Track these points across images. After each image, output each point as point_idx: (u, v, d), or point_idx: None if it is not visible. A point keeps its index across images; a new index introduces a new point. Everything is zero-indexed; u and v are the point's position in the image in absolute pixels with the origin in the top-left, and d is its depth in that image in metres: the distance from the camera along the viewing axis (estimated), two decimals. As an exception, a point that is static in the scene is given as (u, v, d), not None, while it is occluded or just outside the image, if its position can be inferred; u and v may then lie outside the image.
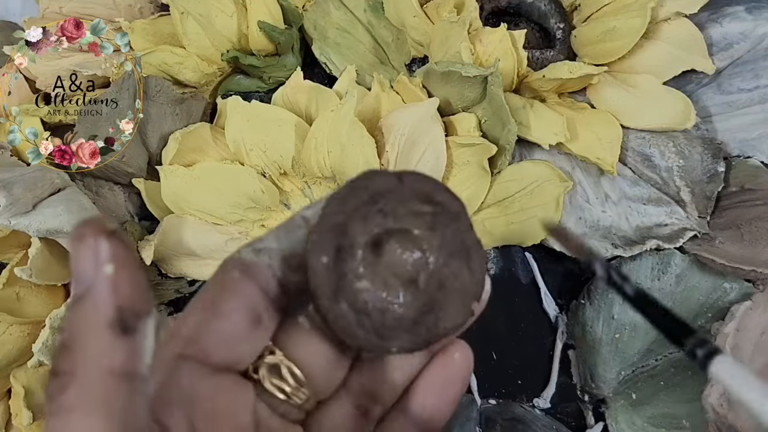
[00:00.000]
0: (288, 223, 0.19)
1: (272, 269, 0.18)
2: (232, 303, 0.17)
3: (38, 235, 0.31)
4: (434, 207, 0.18)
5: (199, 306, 0.18)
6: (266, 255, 0.18)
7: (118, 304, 0.14)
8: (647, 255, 0.36)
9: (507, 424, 0.35)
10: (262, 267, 0.18)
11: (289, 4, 0.40)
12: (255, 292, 0.18)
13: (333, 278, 0.17)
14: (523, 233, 0.37)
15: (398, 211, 0.18)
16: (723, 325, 0.34)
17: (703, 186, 0.37)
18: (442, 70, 0.35)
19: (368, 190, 0.18)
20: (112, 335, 0.14)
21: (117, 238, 0.14)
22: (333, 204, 0.18)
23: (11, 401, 0.35)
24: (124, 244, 0.14)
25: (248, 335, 0.17)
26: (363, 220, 0.18)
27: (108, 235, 0.14)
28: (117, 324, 0.14)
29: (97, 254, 0.14)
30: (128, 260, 0.14)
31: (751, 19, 0.40)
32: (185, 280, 0.39)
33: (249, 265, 0.18)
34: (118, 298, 0.14)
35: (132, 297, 0.14)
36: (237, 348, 0.17)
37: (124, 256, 0.14)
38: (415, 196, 0.18)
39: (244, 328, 0.17)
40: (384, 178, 0.18)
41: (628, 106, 0.38)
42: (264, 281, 0.18)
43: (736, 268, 0.34)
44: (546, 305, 0.38)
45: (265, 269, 0.18)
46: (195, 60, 0.39)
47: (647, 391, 0.36)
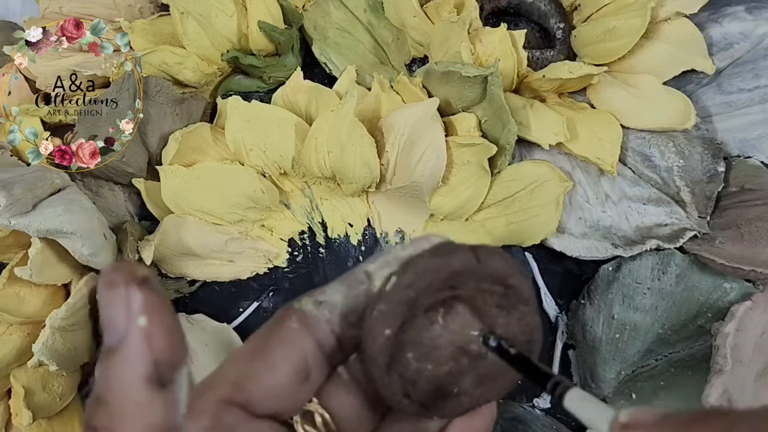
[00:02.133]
0: (349, 277, 0.19)
1: (331, 324, 0.18)
2: (286, 356, 0.17)
3: (38, 235, 0.31)
4: (506, 288, 0.18)
5: (252, 352, 0.18)
6: (327, 309, 0.18)
7: (154, 358, 0.13)
8: (647, 255, 0.36)
9: (507, 424, 0.35)
10: (321, 321, 0.18)
11: (289, 4, 0.40)
12: (311, 346, 0.17)
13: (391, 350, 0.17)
14: (523, 233, 0.37)
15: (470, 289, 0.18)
16: (723, 325, 0.34)
17: (703, 186, 0.37)
18: (442, 70, 0.35)
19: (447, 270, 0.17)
20: (149, 390, 0.13)
21: (149, 286, 0.14)
22: (409, 275, 0.17)
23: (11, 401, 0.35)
24: (157, 292, 0.14)
25: (295, 390, 0.17)
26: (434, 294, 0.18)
27: (140, 283, 0.13)
28: (154, 379, 0.13)
29: (129, 304, 0.13)
30: (162, 310, 0.14)
31: (751, 19, 0.40)
32: (185, 280, 0.39)
33: (309, 317, 0.18)
34: (154, 351, 0.13)
35: (167, 349, 0.14)
36: (282, 401, 0.17)
37: (158, 305, 0.14)
38: (491, 277, 0.18)
39: (293, 382, 0.17)
40: (463, 257, 0.18)
41: (628, 106, 0.38)
42: (322, 335, 0.18)
43: (736, 268, 0.34)
44: (546, 305, 0.38)
45: (324, 324, 0.18)
46: (195, 60, 0.39)
47: (647, 391, 0.36)
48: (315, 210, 0.39)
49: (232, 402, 0.17)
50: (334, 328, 0.18)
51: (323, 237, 0.39)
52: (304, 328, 0.18)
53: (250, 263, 0.39)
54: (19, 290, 0.33)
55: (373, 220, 0.39)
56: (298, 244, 0.39)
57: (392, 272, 0.18)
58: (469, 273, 0.18)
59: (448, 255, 0.17)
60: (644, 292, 0.36)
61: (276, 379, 0.17)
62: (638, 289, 0.36)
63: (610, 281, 0.36)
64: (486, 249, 0.18)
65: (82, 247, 0.33)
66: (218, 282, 0.39)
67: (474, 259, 0.18)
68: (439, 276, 0.17)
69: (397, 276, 0.17)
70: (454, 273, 0.17)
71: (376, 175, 0.35)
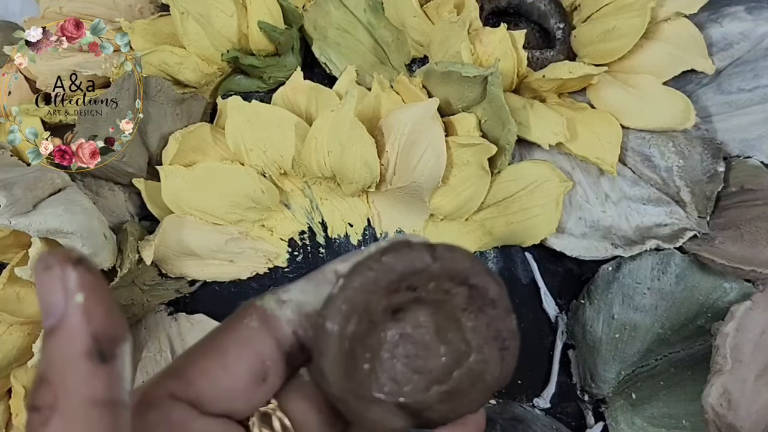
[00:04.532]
0: (317, 276, 0.18)
1: (292, 324, 0.17)
2: (242, 355, 0.17)
3: (38, 235, 0.31)
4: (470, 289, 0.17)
5: (208, 349, 0.17)
6: (289, 308, 0.17)
7: (93, 333, 0.13)
8: (647, 255, 0.36)
9: (507, 424, 0.35)
10: (282, 321, 0.17)
11: (289, 4, 0.40)
12: (269, 346, 0.17)
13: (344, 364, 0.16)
14: (523, 233, 0.37)
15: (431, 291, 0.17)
16: (723, 325, 0.34)
17: (703, 186, 0.37)
18: (442, 70, 0.35)
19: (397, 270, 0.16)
20: (90, 364, 0.13)
21: (84, 266, 0.14)
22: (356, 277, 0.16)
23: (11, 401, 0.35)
24: (93, 271, 0.14)
25: (250, 391, 0.17)
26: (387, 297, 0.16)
27: (75, 263, 0.14)
28: (94, 353, 0.13)
29: (66, 283, 0.13)
30: (98, 287, 0.14)
31: (751, 19, 0.40)
32: (185, 280, 0.39)
33: (270, 316, 0.17)
34: (93, 326, 0.14)
35: (106, 324, 0.14)
36: (235, 403, 0.17)
37: (94, 282, 0.14)
38: (450, 276, 0.16)
39: (248, 383, 0.17)
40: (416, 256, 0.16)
41: (628, 106, 0.38)
42: (282, 336, 0.17)
43: (736, 268, 0.34)
44: (546, 305, 0.38)
45: (285, 323, 0.17)
46: (195, 60, 0.39)
47: (647, 391, 0.36)
48: (315, 210, 0.39)
49: (181, 398, 0.16)
50: (296, 328, 0.17)
51: (323, 237, 0.39)
52: (263, 327, 0.17)
53: (250, 263, 0.39)
54: (19, 290, 0.33)
55: (373, 220, 0.39)
56: (298, 244, 0.39)
57: (341, 274, 0.16)
58: (424, 273, 0.16)
59: (399, 254, 0.16)
60: (644, 292, 0.36)
61: (230, 379, 0.17)
62: (638, 289, 0.36)
63: (610, 281, 0.36)
64: (444, 247, 0.16)
65: (82, 247, 0.33)
66: (218, 282, 0.39)
67: (429, 257, 0.16)
68: (388, 277, 0.16)
69: (345, 278, 0.16)
70: (407, 273, 0.16)
71: (376, 175, 0.35)
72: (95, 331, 0.14)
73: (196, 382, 0.16)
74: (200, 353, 0.17)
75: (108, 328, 0.14)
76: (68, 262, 0.14)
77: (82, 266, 0.14)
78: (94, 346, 0.13)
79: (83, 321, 0.13)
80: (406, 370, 0.17)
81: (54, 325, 0.14)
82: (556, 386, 0.37)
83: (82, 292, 0.14)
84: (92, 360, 0.13)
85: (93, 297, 0.14)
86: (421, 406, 0.17)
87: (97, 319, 0.14)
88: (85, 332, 0.13)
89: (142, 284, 0.37)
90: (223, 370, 0.17)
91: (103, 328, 0.14)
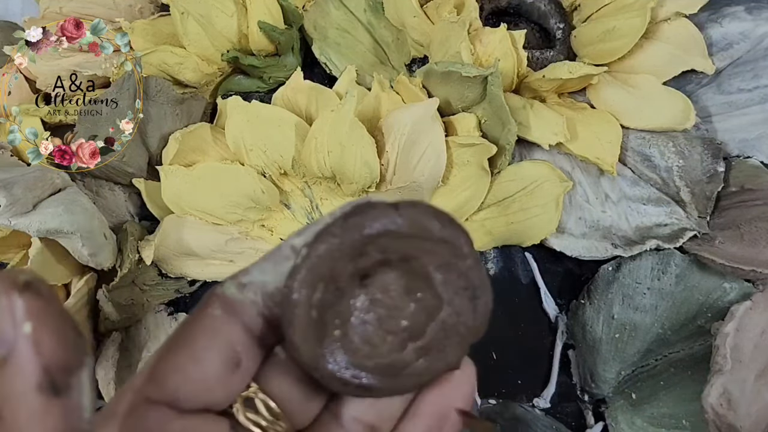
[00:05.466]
0: (275, 254, 0.18)
1: (257, 306, 0.17)
2: (211, 345, 0.16)
3: (38, 235, 0.31)
4: (435, 243, 0.16)
5: (175, 345, 0.16)
6: (251, 290, 0.17)
7: (44, 364, 0.13)
8: (647, 255, 0.36)
9: (507, 424, 0.35)
10: (246, 304, 0.17)
11: (289, 4, 0.40)
12: (237, 332, 0.17)
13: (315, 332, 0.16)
14: (523, 233, 0.37)
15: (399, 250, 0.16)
16: (723, 325, 0.34)
17: (703, 186, 0.37)
18: (442, 70, 0.35)
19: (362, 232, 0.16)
20: (42, 399, 0.13)
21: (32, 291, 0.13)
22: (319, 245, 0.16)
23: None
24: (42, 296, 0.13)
25: (225, 380, 0.16)
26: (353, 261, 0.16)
27: (21, 289, 0.13)
28: (46, 386, 0.13)
29: (13, 312, 0.13)
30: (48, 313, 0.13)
31: (751, 19, 0.40)
32: (185, 280, 0.39)
33: (232, 302, 0.17)
34: (43, 357, 0.13)
35: (58, 353, 0.13)
36: (212, 394, 0.16)
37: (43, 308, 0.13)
38: (415, 231, 0.16)
39: (222, 372, 0.16)
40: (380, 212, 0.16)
41: (628, 106, 0.38)
42: (248, 319, 0.17)
43: (736, 268, 0.34)
44: (546, 305, 0.38)
45: (249, 306, 0.17)
46: (195, 60, 0.39)
47: (647, 391, 0.36)
48: (315, 210, 0.39)
49: (155, 400, 0.16)
50: (261, 309, 0.17)
51: (323, 237, 0.39)
52: (227, 313, 0.17)
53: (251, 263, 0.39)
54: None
55: (373, 220, 0.39)
56: (298, 244, 0.39)
57: (304, 244, 0.16)
58: (390, 233, 0.16)
59: (362, 216, 0.16)
60: (644, 292, 0.36)
61: (202, 371, 0.16)
62: (638, 289, 0.36)
63: (610, 281, 0.36)
64: (408, 203, 0.16)
65: (82, 247, 0.33)
66: (218, 282, 0.39)
67: (394, 216, 0.16)
68: (355, 240, 0.16)
69: (308, 247, 0.16)
70: (373, 235, 0.16)
71: (376, 175, 0.35)
72: (46, 362, 0.13)
73: (167, 381, 0.16)
74: (167, 351, 0.16)
75: (60, 357, 0.13)
76: (14, 288, 0.13)
77: (30, 292, 0.13)
78: (45, 379, 0.13)
79: (32, 352, 0.13)
80: (379, 332, 0.16)
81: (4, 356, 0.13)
82: (556, 386, 0.37)
83: (29, 320, 0.13)
84: (44, 394, 0.13)
85: (43, 325, 0.13)
86: (399, 365, 0.16)
87: (48, 349, 0.13)
88: (35, 365, 0.13)
89: (142, 284, 0.37)
90: (193, 363, 0.16)
91: (55, 359, 0.13)
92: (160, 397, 0.16)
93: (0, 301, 0.13)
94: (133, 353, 0.37)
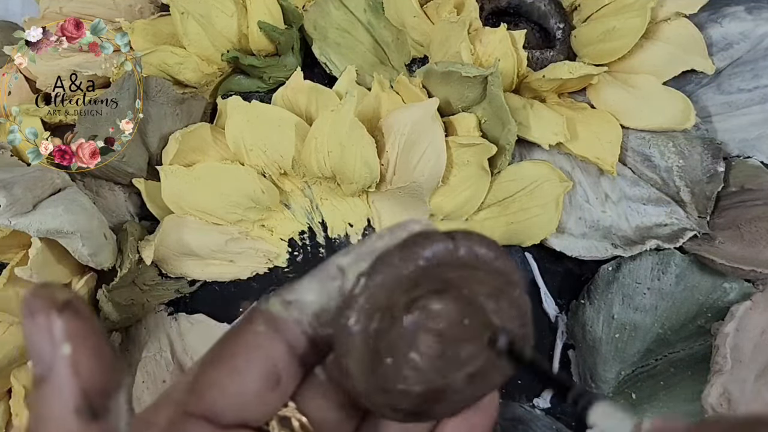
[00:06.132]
0: (321, 272, 0.17)
1: (301, 324, 0.17)
2: (252, 361, 0.16)
3: (38, 235, 0.31)
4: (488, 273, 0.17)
5: (216, 359, 0.16)
6: (296, 309, 0.17)
7: (83, 387, 0.13)
8: (647, 255, 0.36)
9: (507, 424, 0.35)
10: (290, 322, 0.17)
11: (289, 4, 0.40)
12: (279, 350, 0.16)
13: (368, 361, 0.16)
14: (523, 233, 0.37)
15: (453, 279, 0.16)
16: (723, 325, 0.34)
17: (703, 186, 0.37)
18: (442, 70, 0.35)
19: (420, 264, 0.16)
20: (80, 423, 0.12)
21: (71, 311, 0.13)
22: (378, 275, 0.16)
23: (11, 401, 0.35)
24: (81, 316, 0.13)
25: (264, 396, 0.16)
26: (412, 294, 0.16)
27: (60, 309, 0.13)
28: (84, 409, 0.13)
29: (52, 333, 0.12)
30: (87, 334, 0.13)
31: (751, 19, 0.40)
32: (185, 280, 0.39)
33: (277, 319, 0.17)
34: (82, 380, 0.13)
35: (97, 376, 0.13)
36: (250, 410, 0.16)
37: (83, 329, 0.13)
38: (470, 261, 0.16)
39: (261, 389, 0.16)
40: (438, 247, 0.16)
41: (628, 106, 0.38)
42: (291, 338, 0.17)
43: (736, 268, 0.34)
44: (546, 305, 0.38)
45: (293, 325, 0.17)
46: (195, 60, 0.39)
47: (647, 391, 0.36)
48: (315, 210, 0.39)
49: (194, 414, 0.16)
50: (305, 328, 0.17)
51: (323, 237, 0.39)
52: (271, 330, 0.17)
53: (251, 263, 0.39)
54: (19, 290, 0.33)
55: (373, 220, 0.39)
56: (299, 244, 0.39)
57: (361, 272, 0.16)
58: (447, 263, 0.16)
59: (420, 246, 0.16)
60: (644, 292, 0.36)
61: (242, 386, 0.16)
62: (638, 289, 0.36)
63: (610, 281, 0.36)
64: (463, 234, 0.16)
65: (82, 247, 0.33)
66: (218, 282, 0.39)
67: (451, 247, 0.16)
68: (411, 271, 0.16)
69: (366, 277, 0.16)
70: (430, 266, 0.16)
71: (376, 175, 0.35)
72: (84, 385, 0.13)
73: (206, 394, 0.16)
74: (208, 363, 0.17)
75: (99, 380, 0.13)
76: (53, 308, 0.13)
77: (69, 312, 0.13)
78: (83, 402, 0.13)
79: (71, 374, 0.12)
80: (429, 358, 0.17)
81: (42, 376, 0.13)
82: (556, 386, 0.37)
83: (68, 341, 0.12)
84: (82, 418, 0.12)
85: (81, 346, 0.13)
86: (448, 391, 0.17)
87: (87, 372, 0.13)
88: (73, 387, 0.12)
89: (142, 284, 0.37)
90: (233, 378, 0.16)
91: (93, 381, 0.13)
92: (198, 411, 0.16)
93: (38, 320, 0.13)
94: (133, 353, 0.37)
